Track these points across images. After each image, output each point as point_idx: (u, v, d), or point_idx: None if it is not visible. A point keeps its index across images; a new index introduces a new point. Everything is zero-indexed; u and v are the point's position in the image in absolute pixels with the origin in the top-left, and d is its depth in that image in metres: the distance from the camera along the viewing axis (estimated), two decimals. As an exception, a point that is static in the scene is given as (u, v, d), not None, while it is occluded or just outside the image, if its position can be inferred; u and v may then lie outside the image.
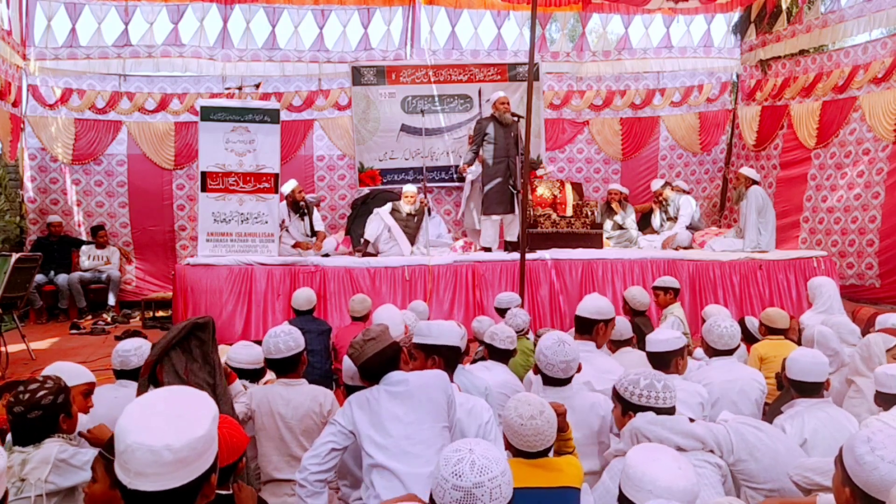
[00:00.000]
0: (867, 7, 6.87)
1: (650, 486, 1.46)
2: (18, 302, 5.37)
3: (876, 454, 1.45)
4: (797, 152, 7.76)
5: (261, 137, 6.25)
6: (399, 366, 2.30)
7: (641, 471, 1.48)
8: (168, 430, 1.16)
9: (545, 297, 6.06)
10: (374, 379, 2.26)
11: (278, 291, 5.92)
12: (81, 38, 7.83)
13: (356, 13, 8.35)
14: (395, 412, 2.16)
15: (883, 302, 6.53)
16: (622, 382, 2.21)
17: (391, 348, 2.29)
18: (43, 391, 2.08)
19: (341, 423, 2.20)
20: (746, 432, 2.24)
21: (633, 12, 8.65)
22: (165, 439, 1.14)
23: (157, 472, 1.13)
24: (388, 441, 2.11)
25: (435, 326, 2.53)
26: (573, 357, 2.50)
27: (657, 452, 1.56)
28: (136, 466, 1.13)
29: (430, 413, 2.16)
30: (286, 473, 2.67)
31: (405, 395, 2.18)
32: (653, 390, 2.13)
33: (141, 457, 1.12)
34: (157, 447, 1.13)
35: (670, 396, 2.15)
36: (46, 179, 7.95)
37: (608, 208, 7.52)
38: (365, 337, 2.27)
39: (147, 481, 1.13)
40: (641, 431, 2.02)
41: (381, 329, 2.33)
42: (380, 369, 2.25)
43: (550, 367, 2.50)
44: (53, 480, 2.00)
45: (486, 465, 1.27)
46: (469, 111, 8.50)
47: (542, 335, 3.41)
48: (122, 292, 7.69)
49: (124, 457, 1.14)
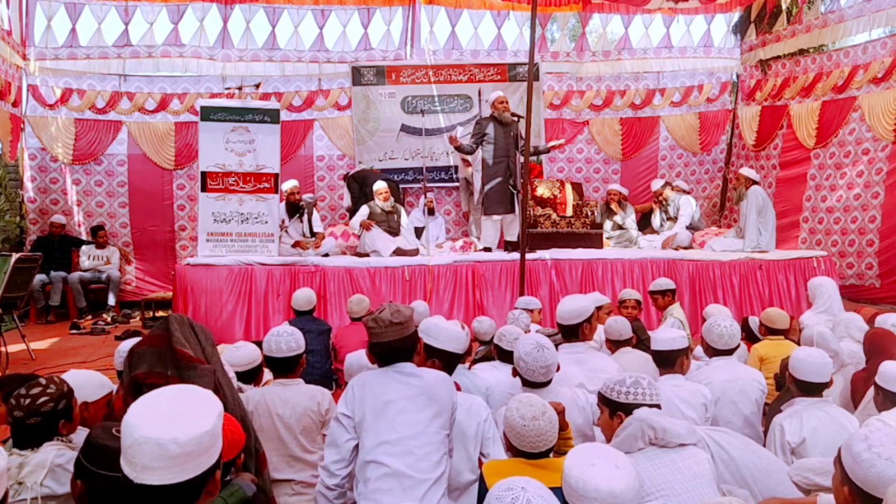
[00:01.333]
0: (867, 7, 6.87)
1: (594, 494, 1.43)
2: (18, 302, 5.38)
3: (873, 451, 1.45)
4: (797, 152, 7.77)
5: (261, 137, 6.25)
6: (413, 357, 2.24)
7: (582, 480, 1.46)
8: (174, 424, 1.18)
9: (545, 298, 6.05)
10: (384, 362, 2.19)
11: (278, 291, 5.92)
12: (81, 38, 7.84)
13: (356, 13, 8.36)
14: (403, 406, 2.08)
15: (883, 302, 6.54)
16: (607, 386, 2.19)
17: (413, 338, 2.22)
18: (44, 397, 2.04)
19: (346, 413, 2.12)
20: (722, 441, 2.24)
21: (633, 12, 8.66)
22: (172, 433, 1.17)
23: (163, 466, 1.16)
24: (393, 436, 2.04)
25: (442, 330, 2.46)
26: (553, 361, 2.51)
27: (592, 456, 1.53)
28: (142, 460, 1.15)
29: (438, 415, 2.10)
30: (286, 473, 2.67)
31: (416, 392, 2.11)
32: (639, 387, 2.12)
33: (148, 450, 1.15)
34: (164, 441, 1.16)
35: (656, 394, 2.14)
36: (46, 179, 7.95)
37: (608, 208, 7.52)
38: (393, 318, 2.16)
39: (154, 475, 1.16)
40: (649, 422, 1.99)
41: (409, 315, 2.22)
42: (395, 356, 2.18)
43: (531, 372, 2.50)
44: (49, 485, 1.97)
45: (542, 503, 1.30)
46: (469, 111, 8.50)
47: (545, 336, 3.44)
48: (122, 292, 7.70)
49: (130, 451, 1.16)
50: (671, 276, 5.99)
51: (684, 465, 1.94)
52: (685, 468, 1.94)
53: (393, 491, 1.99)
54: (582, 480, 1.46)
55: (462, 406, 2.33)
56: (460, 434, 2.31)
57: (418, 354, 2.36)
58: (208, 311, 5.84)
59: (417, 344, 2.29)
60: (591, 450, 1.60)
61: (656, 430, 1.97)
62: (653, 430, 1.98)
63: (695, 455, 2.00)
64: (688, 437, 2.02)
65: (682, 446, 2.00)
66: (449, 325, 2.47)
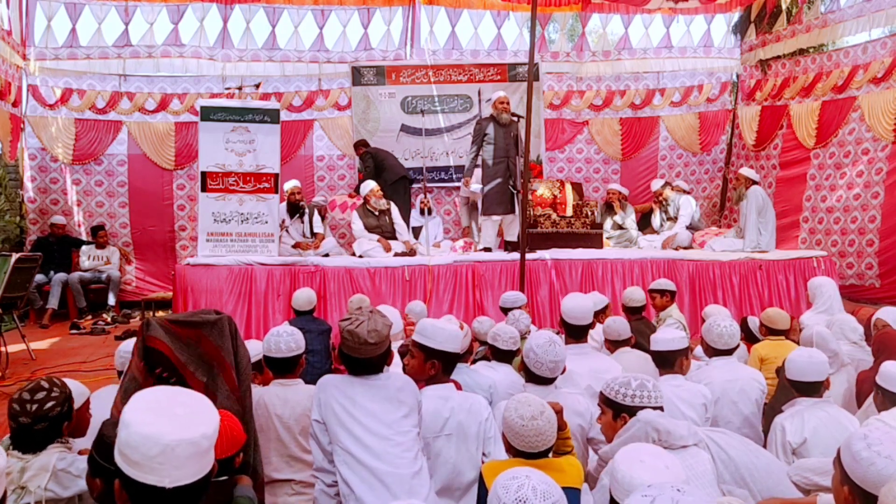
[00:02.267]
0: (867, 7, 6.87)
1: None
2: (18, 302, 5.38)
3: (872, 450, 1.45)
4: (796, 152, 7.76)
5: (261, 137, 6.25)
6: (381, 370, 2.28)
7: (630, 474, 1.47)
8: (193, 421, 1.21)
9: (545, 298, 6.05)
10: (352, 371, 2.23)
11: (278, 291, 5.92)
12: (81, 38, 7.85)
13: (356, 13, 8.36)
14: (372, 409, 2.14)
15: (883, 302, 6.52)
16: (611, 387, 2.19)
17: (384, 355, 2.25)
18: (51, 402, 2.03)
19: (317, 419, 2.18)
20: (721, 441, 2.25)
21: (633, 12, 8.66)
22: (199, 429, 1.20)
23: (196, 463, 1.19)
24: (369, 438, 2.09)
25: (439, 330, 2.44)
26: (562, 358, 2.52)
27: (642, 453, 1.54)
28: (175, 463, 1.16)
29: (407, 416, 2.17)
30: (285, 474, 2.67)
31: (383, 394, 2.17)
32: (645, 390, 2.14)
33: (182, 452, 1.17)
34: (195, 438, 1.18)
35: (659, 396, 2.17)
36: (46, 179, 7.96)
37: (608, 208, 7.52)
38: (369, 339, 2.14)
39: (187, 473, 1.18)
40: (653, 423, 2.00)
41: (385, 335, 2.22)
42: (364, 369, 2.22)
43: (539, 365, 2.51)
44: (53, 489, 1.97)
45: (547, 490, 1.31)
46: (469, 111, 8.50)
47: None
48: (122, 292, 7.70)
49: (160, 458, 1.16)
50: (671, 276, 5.99)
51: (686, 466, 1.95)
52: (687, 468, 1.94)
53: (377, 490, 2.03)
54: (629, 475, 1.47)
55: (462, 406, 2.34)
56: (461, 434, 2.32)
57: (413, 358, 2.41)
58: (208, 311, 5.84)
59: (389, 356, 2.31)
60: (641, 447, 1.62)
61: (660, 431, 1.98)
62: (656, 432, 1.99)
63: (696, 455, 2.00)
64: (689, 438, 2.03)
65: (684, 447, 2.00)
66: (446, 326, 2.47)
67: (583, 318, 3.15)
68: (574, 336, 3.22)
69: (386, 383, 2.21)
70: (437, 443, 2.32)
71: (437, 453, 2.31)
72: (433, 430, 2.32)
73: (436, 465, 2.31)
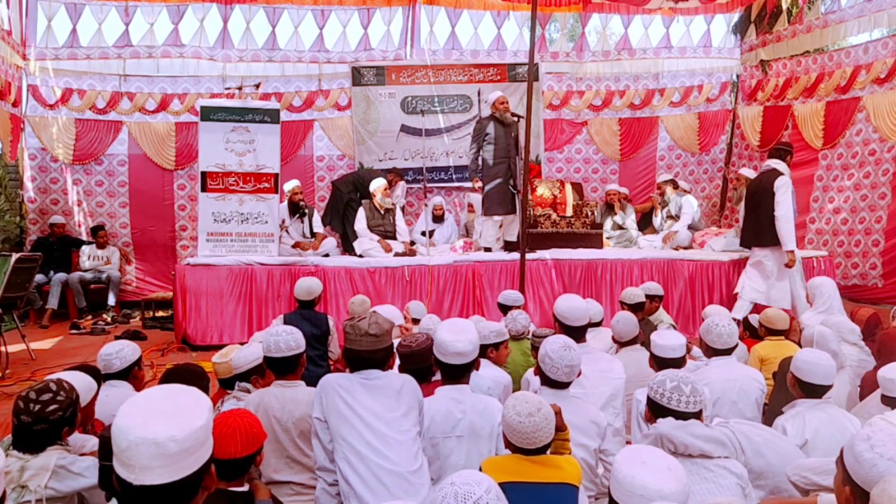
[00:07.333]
0: (867, 7, 6.86)
1: (641, 491, 1.42)
2: (18, 302, 5.37)
3: (875, 451, 1.45)
4: (804, 153, 7.66)
5: (261, 137, 6.25)
6: (384, 368, 2.30)
7: (630, 476, 1.45)
8: (169, 423, 1.18)
9: (545, 298, 6.05)
10: (353, 368, 2.27)
11: (278, 291, 5.92)
12: (82, 38, 7.85)
13: (356, 13, 8.36)
14: (372, 407, 2.16)
15: (884, 302, 6.51)
16: (654, 381, 2.17)
17: (387, 351, 2.28)
18: (54, 405, 2.03)
19: (318, 416, 2.21)
20: (749, 432, 2.25)
21: (633, 12, 8.65)
22: (169, 431, 1.16)
23: (163, 465, 1.15)
24: (369, 436, 2.12)
25: (451, 348, 2.42)
26: (577, 362, 2.50)
27: (644, 455, 1.53)
28: (140, 461, 1.14)
29: (406, 414, 2.18)
30: (285, 475, 2.65)
31: (382, 393, 2.19)
32: (680, 393, 2.10)
33: (146, 451, 1.14)
34: (162, 440, 1.15)
35: (697, 401, 2.10)
36: (47, 179, 7.95)
37: (608, 208, 7.52)
38: (369, 329, 2.24)
39: (154, 474, 1.15)
40: (668, 437, 1.98)
41: (387, 328, 2.30)
42: (364, 364, 2.26)
43: (555, 370, 2.49)
44: (53, 486, 1.98)
45: (469, 490, 1.27)
46: (468, 112, 8.50)
47: (540, 335, 3.43)
48: (122, 292, 7.70)
49: (127, 454, 1.15)
50: (671, 275, 5.99)
51: (707, 478, 1.96)
52: (710, 481, 1.96)
53: (375, 488, 2.05)
54: (630, 476, 1.45)
55: (475, 408, 2.36)
56: (473, 435, 2.33)
57: (391, 368, 2.41)
58: (208, 312, 5.85)
59: (391, 357, 2.33)
60: (644, 449, 1.60)
61: (676, 444, 1.99)
62: (672, 445, 1.99)
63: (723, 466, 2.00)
64: (716, 450, 2.02)
65: (706, 458, 2.00)
66: (457, 342, 2.41)
67: (577, 319, 3.13)
68: (573, 337, 3.20)
69: (386, 382, 2.23)
70: (447, 443, 2.33)
71: (447, 454, 2.32)
72: (444, 430, 2.33)
73: (445, 465, 2.31)
